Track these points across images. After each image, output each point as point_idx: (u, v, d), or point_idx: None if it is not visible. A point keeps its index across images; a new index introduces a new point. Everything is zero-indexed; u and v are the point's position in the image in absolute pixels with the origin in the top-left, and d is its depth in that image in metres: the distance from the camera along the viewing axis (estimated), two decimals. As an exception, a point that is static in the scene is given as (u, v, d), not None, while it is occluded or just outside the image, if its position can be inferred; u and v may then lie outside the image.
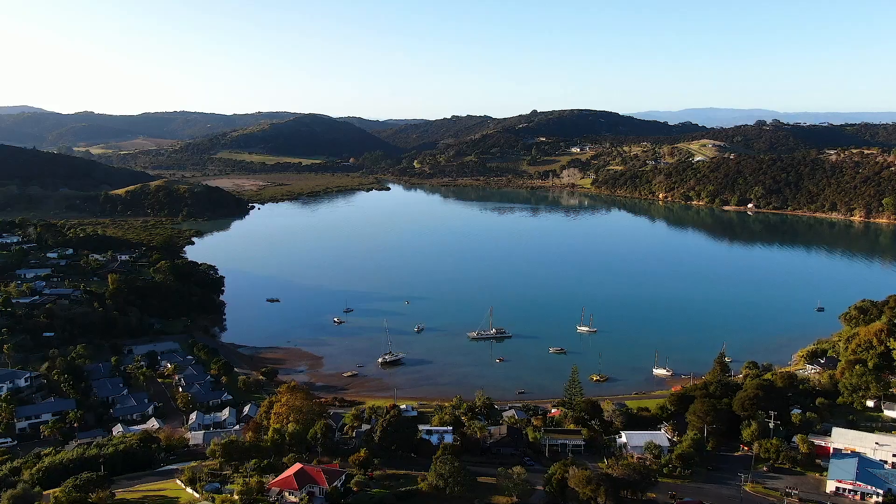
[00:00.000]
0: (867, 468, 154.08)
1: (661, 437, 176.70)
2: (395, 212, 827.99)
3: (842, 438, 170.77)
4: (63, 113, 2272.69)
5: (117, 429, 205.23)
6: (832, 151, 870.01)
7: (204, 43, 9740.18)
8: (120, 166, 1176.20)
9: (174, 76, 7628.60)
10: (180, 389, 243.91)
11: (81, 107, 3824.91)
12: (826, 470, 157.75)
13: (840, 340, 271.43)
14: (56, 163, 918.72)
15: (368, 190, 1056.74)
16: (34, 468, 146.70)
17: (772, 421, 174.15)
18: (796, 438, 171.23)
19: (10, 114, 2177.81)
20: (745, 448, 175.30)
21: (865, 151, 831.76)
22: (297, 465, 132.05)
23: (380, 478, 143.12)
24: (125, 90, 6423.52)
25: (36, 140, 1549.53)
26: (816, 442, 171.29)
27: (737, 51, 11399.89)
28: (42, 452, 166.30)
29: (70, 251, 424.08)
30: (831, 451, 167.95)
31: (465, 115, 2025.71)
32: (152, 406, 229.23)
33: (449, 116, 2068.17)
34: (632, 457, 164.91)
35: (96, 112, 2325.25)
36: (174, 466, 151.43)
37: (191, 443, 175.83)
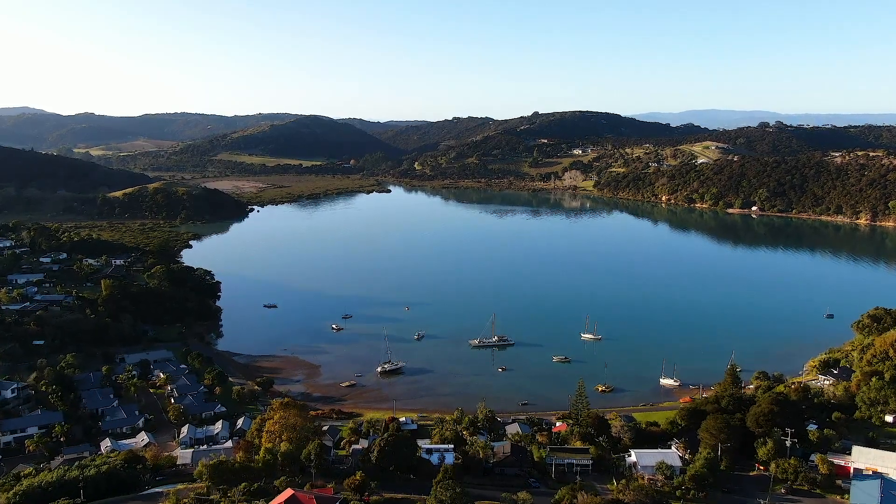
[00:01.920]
0: (891, 491, 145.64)
1: (673, 455, 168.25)
2: (395, 214, 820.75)
3: (863, 458, 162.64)
4: (63, 114, 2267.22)
5: (105, 443, 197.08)
6: (837, 154, 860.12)
7: (204, 43, 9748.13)
8: (119, 168, 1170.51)
9: (174, 77, 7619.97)
10: (172, 401, 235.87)
11: (82, 108, 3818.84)
12: (847, 492, 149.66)
13: (853, 350, 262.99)
14: (54, 164, 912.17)
15: (369, 192, 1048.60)
16: (11, 492, 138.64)
17: (788, 439, 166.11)
18: (815, 458, 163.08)
19: (10, 115, 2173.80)
20: (761, 467, 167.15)
21: (871, 153, 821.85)
22: (289, 492, 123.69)
23: (377, 502, 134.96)
24: (125, 91, 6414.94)
25: (36, 141, 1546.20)
26: (836, 461, 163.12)
27: (737, 51, 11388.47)
28: (22, 473, 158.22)
29: (64, 256, 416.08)
30: (851, 471, 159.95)
31: (465, 116, 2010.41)
32: (143, 419, 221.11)
33: (450, 118, 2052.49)
34: (642, 478, 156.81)
35: (96, 113, 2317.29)
36: (160, 489, 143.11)
37: (178, 462, 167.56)
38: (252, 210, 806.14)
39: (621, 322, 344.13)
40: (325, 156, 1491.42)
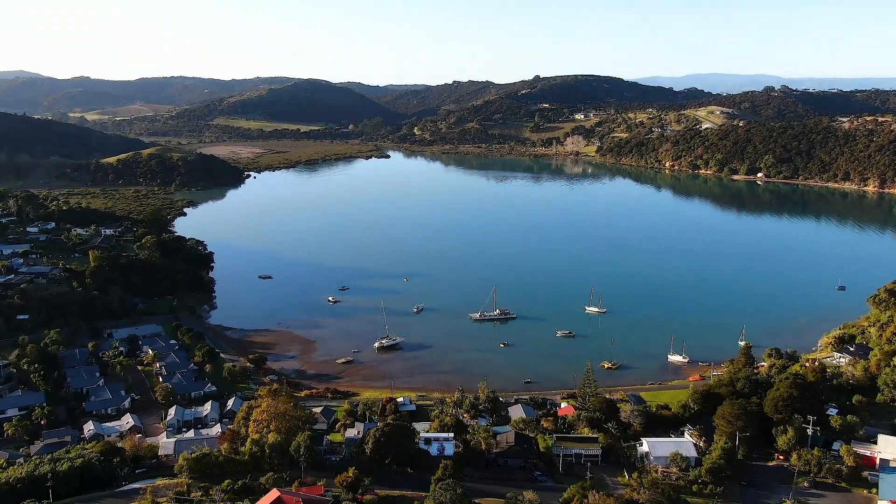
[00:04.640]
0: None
1: (688, 445, 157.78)
2: (394, 181, 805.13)
3: (890, 448, 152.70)
4: (59, 78, 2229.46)
5: (88, 427, 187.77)
6: (845, 119, 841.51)
7: (202, 4, 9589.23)
8: (115, 133, 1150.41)
9: (172, 39, 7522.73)
10: (160, 379, 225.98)
11: (78, 72, 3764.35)
12: (875, 486, 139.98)
13: (870, 326, 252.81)
14: (47, 130, 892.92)
15: (368, 158, 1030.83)
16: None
17: (810, 427, 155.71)
18: (840, 448, 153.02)
19: (5, 79, 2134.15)
20: (780, 457, 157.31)
21: (880, 119, 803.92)
22: (274, 493, 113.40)
23: (371, 502, 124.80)
24: (122, 54, 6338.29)
25: (30, 106, 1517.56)
26: (860, 451, 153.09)
27: (740, 13, 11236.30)
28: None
29: (51, 225, 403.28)
30: (878, 462, 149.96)
31: (466, 80, 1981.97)
32: (129, 399, 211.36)
33: (450, 82, 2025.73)
34: (655, 470, 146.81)
35: (93, 77, 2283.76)
36: (137, 485, 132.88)
37: (161, 453, 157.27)
38: (249, 176, 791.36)
39: (626, 294, 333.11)
40: (324, 121, 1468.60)
